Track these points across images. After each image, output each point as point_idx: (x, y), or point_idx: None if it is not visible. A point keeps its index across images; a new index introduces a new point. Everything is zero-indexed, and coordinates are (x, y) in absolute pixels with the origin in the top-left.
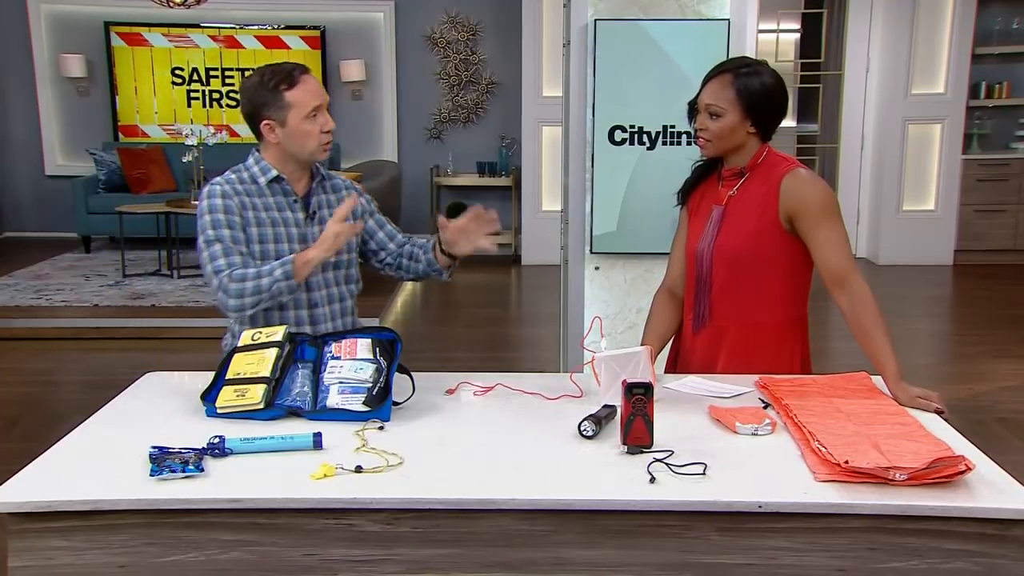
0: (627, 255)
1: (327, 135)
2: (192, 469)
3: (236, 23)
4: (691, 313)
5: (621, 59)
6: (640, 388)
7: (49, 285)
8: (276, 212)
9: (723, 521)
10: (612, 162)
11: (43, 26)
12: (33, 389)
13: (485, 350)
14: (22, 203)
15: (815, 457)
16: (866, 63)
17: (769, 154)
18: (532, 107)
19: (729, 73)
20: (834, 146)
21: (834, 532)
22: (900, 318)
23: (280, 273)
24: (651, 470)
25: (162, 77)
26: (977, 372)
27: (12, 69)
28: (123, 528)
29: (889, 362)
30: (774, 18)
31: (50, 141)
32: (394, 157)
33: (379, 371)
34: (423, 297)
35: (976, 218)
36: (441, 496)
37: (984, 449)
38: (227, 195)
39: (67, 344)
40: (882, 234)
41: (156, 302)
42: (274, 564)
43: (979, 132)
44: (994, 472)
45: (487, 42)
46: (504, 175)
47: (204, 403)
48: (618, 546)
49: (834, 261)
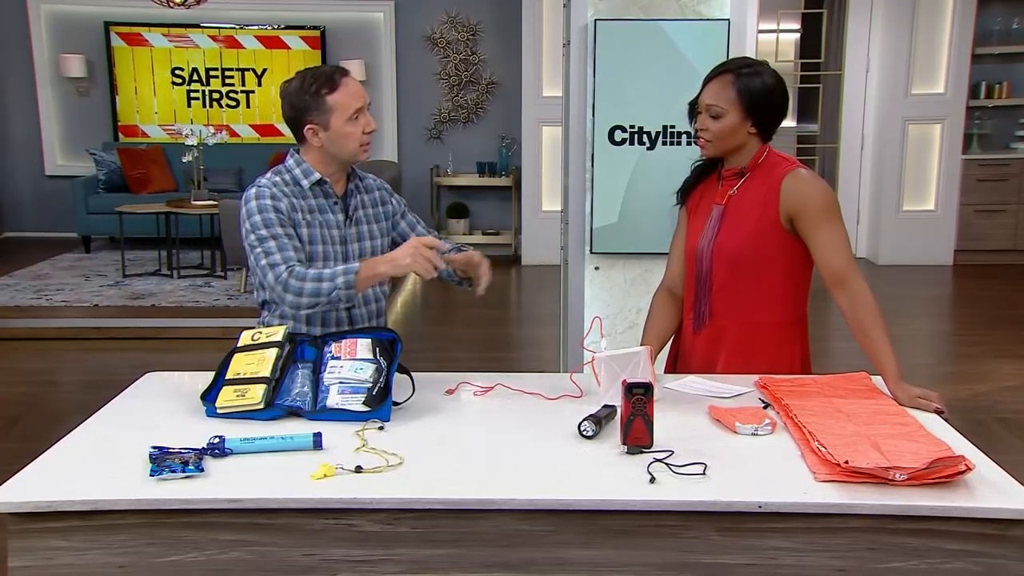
0: (627, 255)
1: (368, 136)
2: (192, 469)
3: (236, 23)
4: (691, 312)
5: (621, 59)
6: (640, 388)
7: (49, 285)
8: (319, 214)
9: (723, 521)
10: (612, 162)
11: (43, 26)
12: (33, 389)
13: (485, 350)
14: (22, 203)
15: (815, 457)
16: (866, 63)
17: (770, 154)
18: (532, 107)
19: (730, 73)
20: (834, 146)
21: (834, 532)
22: (900, 318)
23: (342, 282)
24: (651, 470)
25: (162, 77)
26: (977, 372)
27: (12, 69)
28: (123, 528)
29: (889, 362)
30: (774, 18)
31: (50, 141)
32: (394, 157)
33: (379, 371)
34: (423, 297)
35: (976, 218)
36: (441, 496)
37: (984, 449)
38: (276, 196)
39: (67, 344)
40: (882, 234)
41: (156, 302)
42: (274, 564)
43: (979, 132)
44: (994, 472)
45: (487, 42)
46: (504, 175)
47: (204, 403)
48: (618, 546)
49: (834, 261)
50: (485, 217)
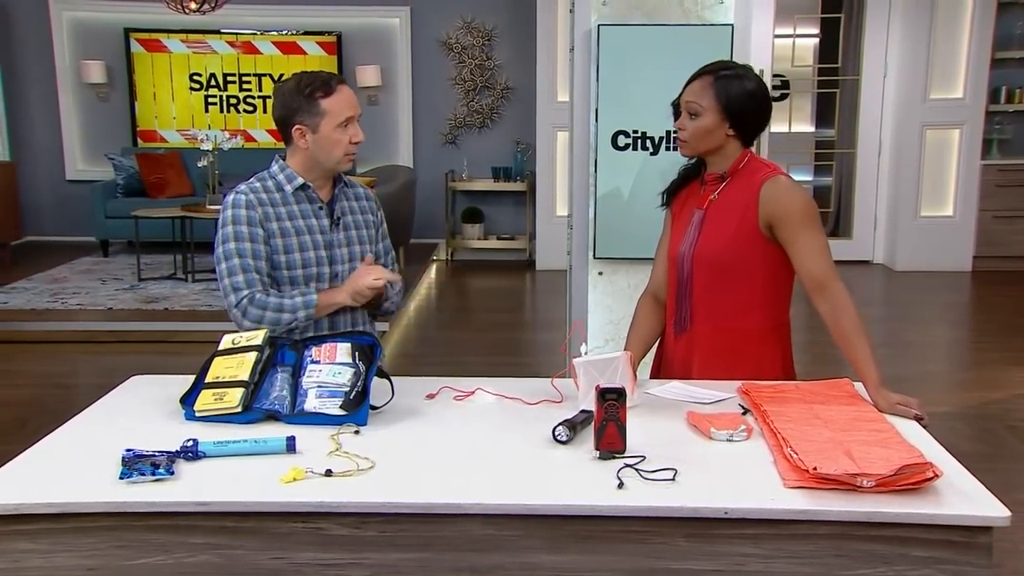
0: (630, 260)
1: (354, 146)
2: (162, 472)
3: (254, 29)
4: (673, 317)
5: (624, 64)
6: (613, 393)
7: (66, 288)
8: (301, 220)
9: (690, 527)
10: (615, 167)
11: (65, 33)
12: (44, 391)
13: (498, 355)
14: (44, 207)
15: (787, 463)
16: (884, 68)
17: (750, 160)
18: (546, 112)
19: (710, 75)
20: (851, 151)
21: (802, 539)
22: (916, 325)
23: (303, 315)
24: (620, 475)
25: (180, 82)
26: (990, 379)
27: (35, 75)
28: (91, 531)
29: (870, 368)
30: (791, 23)
31: (71, 146)
32: (409, 162)
33: (357, 375)
34: (437, 302)
35: (995, 224)
36: (408, 500)
37: (989, 457)
38: (251, 205)
39: (80, 347)
40: (899, 240)
41: (169, 306)
42: (242, 567)
43: (999, 137)
44: (965, 480)
45: (502, 47)
46: (519, 180)
47: (183, 407)
48: (585, 551)
49: (814, 268)
50: (500, 222)
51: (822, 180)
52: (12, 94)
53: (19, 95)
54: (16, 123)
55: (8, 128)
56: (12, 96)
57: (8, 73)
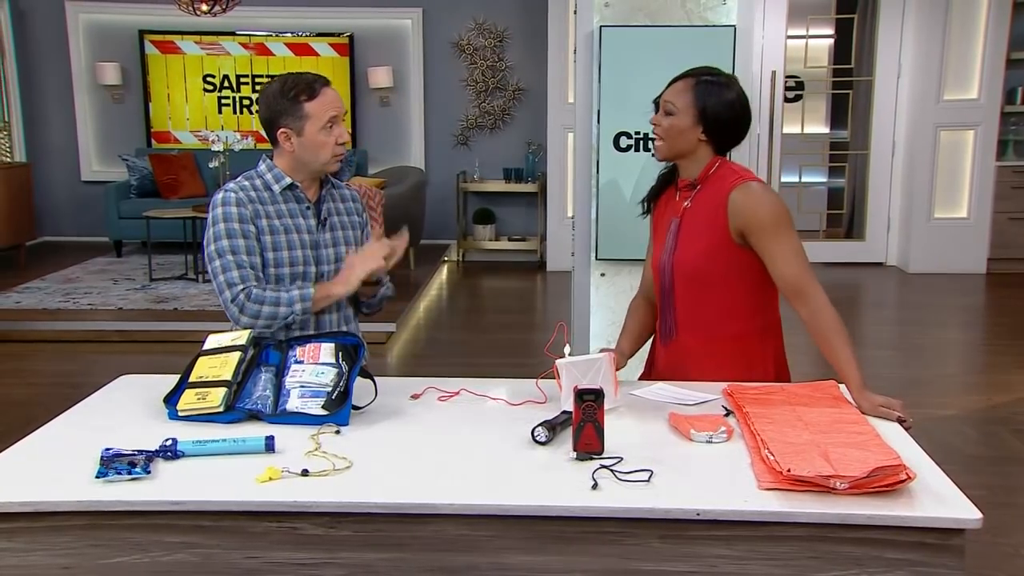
0: (632, 261)
1: (341, 147)
2: (139, 471)
3: (267, 31)
4: (660, 326)
5: (626, 65)
6: (591, 395)
7: (78, 288)
8: (289, 219)
9: (665, 529)
10: (617, 168)
11: (80, 35)
12: (52, 390)
13: (507, 356)
14: (59, 208)
15: (763, 465)
16: (897, 69)
17: (721, 166)
18: (557, 113)
19: (693, 78)
20: (865, 153)
21: (775, 540)
22: (928, 327)
23: (299, 308)
24: (596, 476)
25: (194, 84)
26: (999, 382)
27: (51, 77)
28: (67, 530)
29: (852, 371)
30: (804, 24)
31: (86, 147)
32: (421, 163)
33: (340, 375)
34: (448, 303)
35: (1010, 226)
36: (382, 500)
37: (991, 460)
38: (241, 203)
39: (90, 347)
40: (913, 242)
41: (179, 306)
42: (217, 567)
43: (1014, 138)
44: (941, 482)
45: (514, 49)
46: (530, 181)
47: (167, 406)
48: (560, 552)
49: (789, 273)
50: (511, 223)
51: (836, 181)
52: (28, 96)
53: (35, 97)
54: (32, 124)
55: (24, 129)
56: (28, 98)
57: (25, 75)
